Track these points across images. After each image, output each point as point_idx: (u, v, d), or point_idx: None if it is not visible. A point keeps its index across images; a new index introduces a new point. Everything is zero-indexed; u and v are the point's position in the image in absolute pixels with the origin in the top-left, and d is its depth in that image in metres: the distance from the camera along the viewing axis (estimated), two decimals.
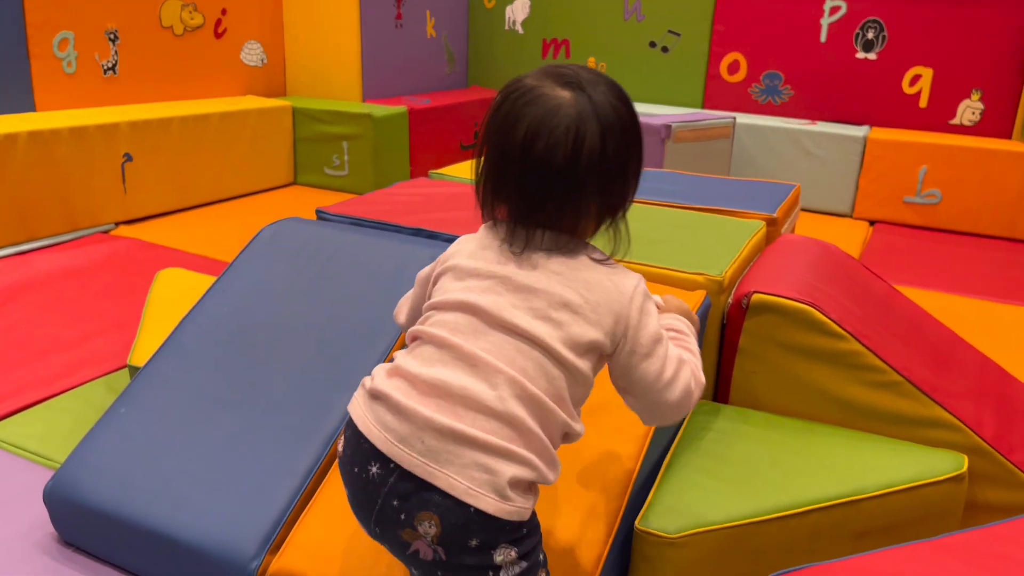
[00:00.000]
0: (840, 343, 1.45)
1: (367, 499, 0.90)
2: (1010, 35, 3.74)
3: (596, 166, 0.89)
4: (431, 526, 0.86)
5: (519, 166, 0.90)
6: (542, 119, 0.89)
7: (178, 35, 3.74)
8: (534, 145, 0.89)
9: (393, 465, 0.88)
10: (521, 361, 0.88)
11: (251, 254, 1.73)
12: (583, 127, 0.88)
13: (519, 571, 0.89)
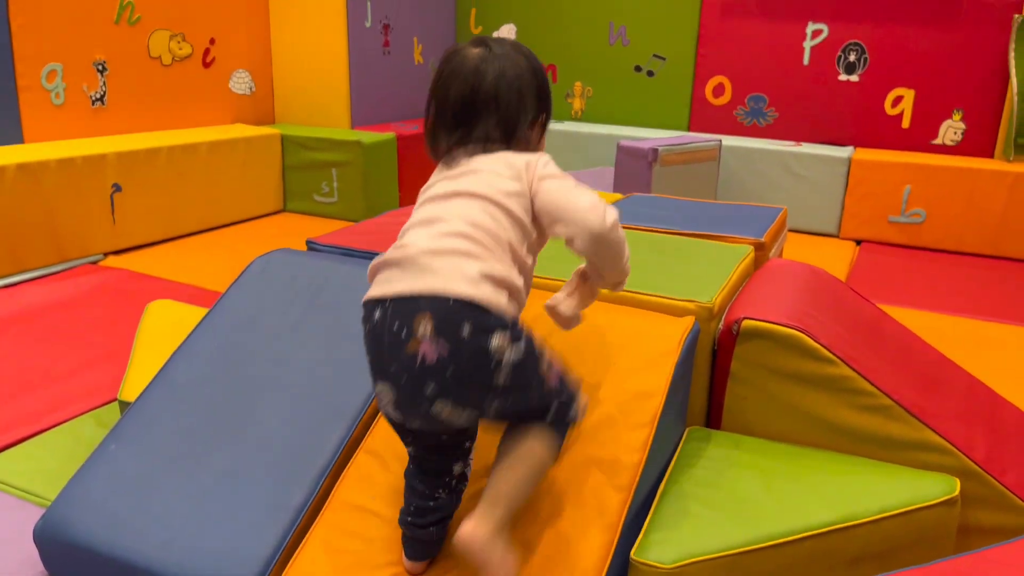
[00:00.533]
0: (830, 368, 1.46)
1: (378, 345, 1.09)
2: (989, 56, 3.81)
3: (493, 95, 1.19)
4: (426, 325, 1.03)
5: (445, 104, 1.20)
6: (456, 68, 1.20)
7: (166, 65, 3.76)
8: (451, 86, 1.19)
9: (388, 301, 1.08)
10: (467, 209, 1.13)
11: (241, 287, 1.72)
12: (482, 67, 1.19)
13: (520, 354, 1.05)
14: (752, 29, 4.23)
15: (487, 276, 1.06)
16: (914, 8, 3.90)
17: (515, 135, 1.22)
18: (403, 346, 1.04)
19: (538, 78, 1.26)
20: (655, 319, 1.50)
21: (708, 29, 4.33)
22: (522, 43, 1.29)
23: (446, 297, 1.03)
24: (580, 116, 4.80)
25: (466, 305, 1.03)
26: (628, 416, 1.34)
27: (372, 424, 1.42)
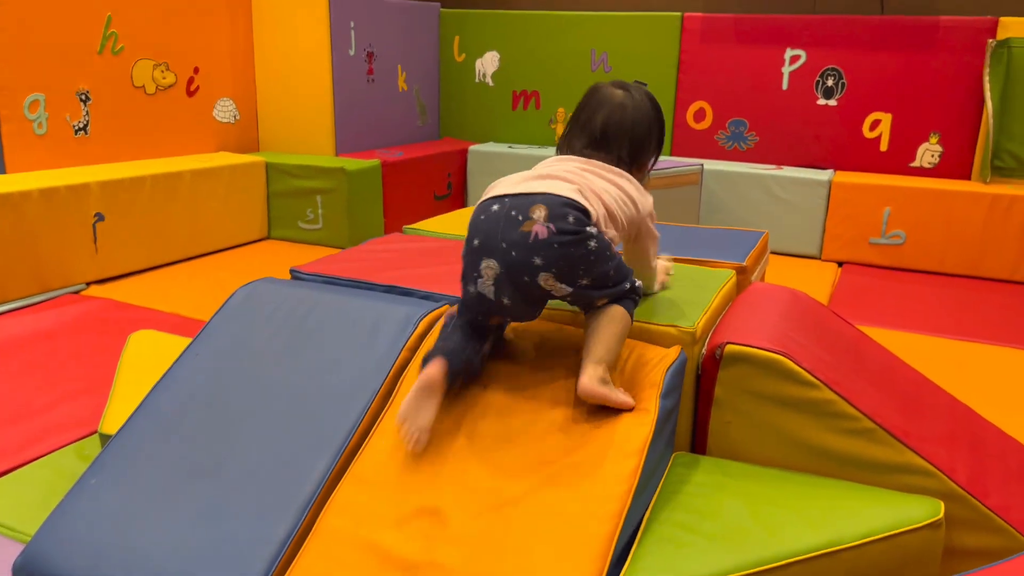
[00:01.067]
0: (813, 392, 1.47)
1: (494, 227, 1.35)
2: (964, 79, 3.88)
3: (630, 127, 1.53)
4: (540, 211, 1.33)
5: (589, 124, 1.54)
6: (603, 99, 1.55)
7: (150, 94, 3.76)
8: (598, 111, 1.54)
9: (506, 197, 1.38)
10: (593, 175, 1.47)
11: (225, 317, 1.72)
12: (626, 103, 1.54)
13: (602, 244, 1.37)
14: (731, 55, 4.29)
15: (585, 193, 1.39)
16: (889, 33, 3.97)
17: (638, 162, 1.56)
18: (519, 226, 1.33)
19: (661, 125, 1.60)
20: (641, 348, 1.51)
21: (688, 55, 4.38)
22: (650, 93, 1.60)
23: (558, 196, 1.36)
24: None
25: (571, 203, 1.35)
26: (617, 446, 1.34)
27: (357, 453, 1.42)
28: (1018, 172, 3.81)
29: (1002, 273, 3.66)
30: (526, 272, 1.33)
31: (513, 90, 4.91)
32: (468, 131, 5.09)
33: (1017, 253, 3.61)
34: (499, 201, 1.38)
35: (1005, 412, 2.25)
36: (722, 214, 4.08)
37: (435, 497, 1.31)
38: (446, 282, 1.85)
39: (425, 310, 1.63)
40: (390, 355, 1.54)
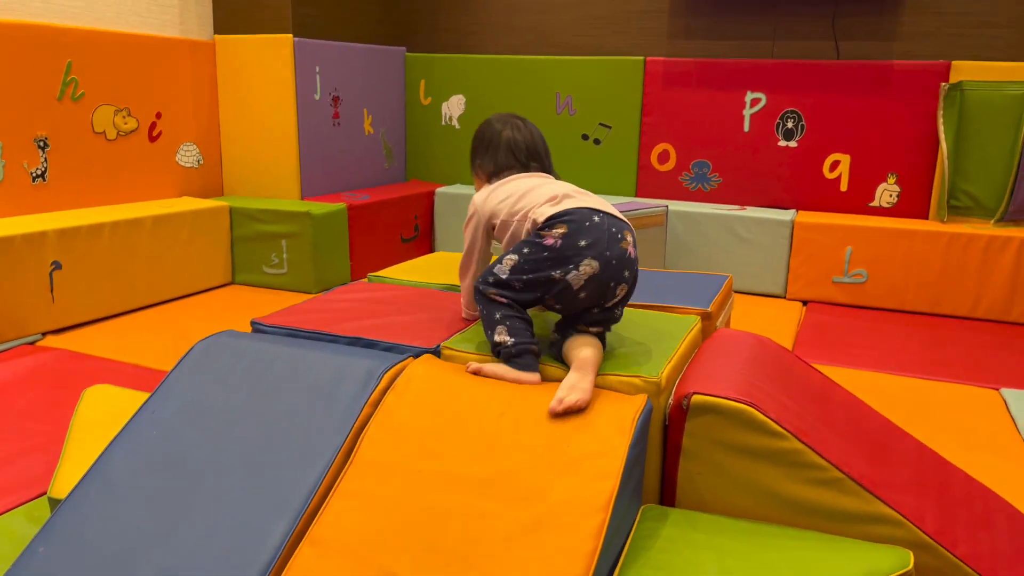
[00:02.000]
0: (780, 442, 1.46)
1: (602, 236, 1.58)
2: (920, 122, 3.97)
3: (544, 146, 1.89)
4: (629, 235, 1.63)
5: (514, 144, 1.84)
6: (518, 125, 1.87)
7: (111, 140, 3.72)
8: (518, 137, 1.85)
9: (602, 213, 1.62)
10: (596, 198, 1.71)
11: (182, 372, 1.67)
12: (533, 130, 1.90)
13: None
14: (693, 98, 4.36)
15: None
16: (846, 77, 4.07)
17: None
18: (619, 243, 1.58)
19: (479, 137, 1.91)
20: (607, 398, 1.50)
21: (651, 98, 4.45)
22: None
23: (627, 222, 1.66)
24: None
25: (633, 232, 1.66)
26: (582, 500, 1.31)
27: (317, 514, 1.37)
28: (974, 211, 3.90)
29: (961, 310, 3.72)
30: (615, 279, 1.58)
31: None
32: (435, 173, 5.10)
33: (975, 290, 3.68)
34: (597, 214, 1.60)
35: (967, 451, 2.27)
36: (687, 255, 4.11)
37: (396, 560, 1.27)
38: (411, 332, 1.82)
39: (388, 363, 1.60)
40: (352, 411, 1.51)
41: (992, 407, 2.64)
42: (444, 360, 1.70)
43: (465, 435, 1.45)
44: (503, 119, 1.87)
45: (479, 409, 1.49)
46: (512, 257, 1.61)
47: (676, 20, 4.45)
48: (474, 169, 1.88)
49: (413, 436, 1.46)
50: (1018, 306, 3.62)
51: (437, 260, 2.67)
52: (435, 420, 1.48)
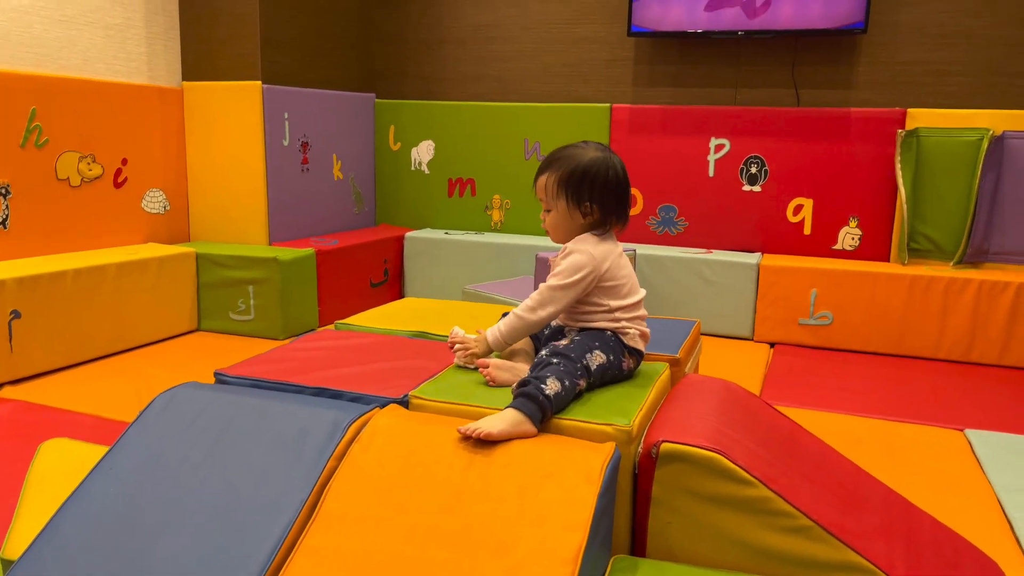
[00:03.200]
0: (750, 490, 1.46)
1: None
2: (878, 166, 4.07)
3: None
4: None
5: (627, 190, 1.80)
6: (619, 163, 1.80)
7: (75, 187, 3.68)
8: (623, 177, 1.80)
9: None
10: None
11: (141, 426, 1.63)
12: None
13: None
14: (659, 144, 4.43)
15: None
16: (806, 124, 4.17)
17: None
18: None
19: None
20: (575, 447, 1.48)
21: (618, 144, 4.52)
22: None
23: None
24: (500, 227, 4.89)
25: None
26: (551, 553, 1.30)
27: (280, 572, 1.34)
28: (933, 253, 3.98)
29: (924, 351, 3.78)
30: None
31: (449, 177, 4.96)
32: (405, 218, 5.11)
33: (937, 331, 3.74)
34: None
35: (935, 494, 2.29)
36: (656, 298, 4.14)
37: None
38: (377, 381, 1.80)
39: (354, 415, 1.58)
40: (317, 464, 1.48)
41: (957, 448, 2.67)
42: (412, 410, 1.68)
43: (432, 487, 1.43)
44: (611, 155, 1.75)
45: (446, 460, 1.47)
46: (602, 356, 1.67)
47: (640, 68, 4.55)
48: (572, 202, 1.73)
49: (379, 489, 1.43)
50: (978, 347, 3.69)
51: (406, 306, 2.66)
52: (402, 472, 1.46)
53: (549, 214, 1.78)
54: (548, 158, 1.79)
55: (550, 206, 1.77)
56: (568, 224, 1.76)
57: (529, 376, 1.58)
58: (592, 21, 4.60)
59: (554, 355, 1.62)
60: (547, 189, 1.75)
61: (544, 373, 1.57)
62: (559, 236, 1.79)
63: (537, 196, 1.81)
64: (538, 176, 1.79)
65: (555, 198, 1.75)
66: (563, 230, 1.77)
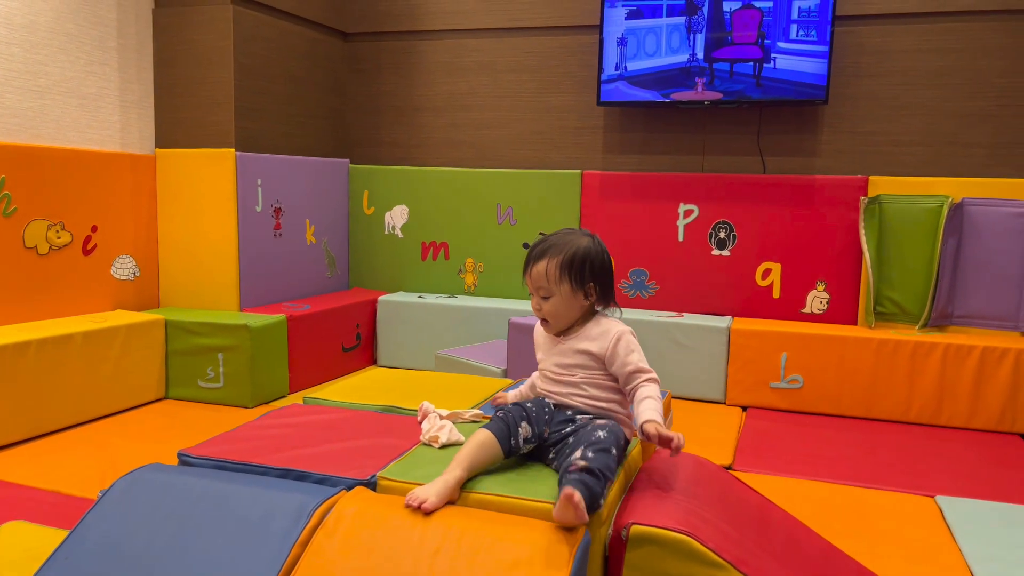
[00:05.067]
0: (719, 572, 1.45)
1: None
2: (843, 232, 4.16)
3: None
4: None
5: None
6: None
7: (43, 255, 3.64)
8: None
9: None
10: None
11: (101, 512, 1.60)
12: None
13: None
14: (629, 209, 4.51)
15: None
16: (772, 190, 4.27)
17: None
18: None
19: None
20: (544, 531, 1.47)
21: (589, 209, 4.58)
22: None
23: None
24: (473, 291, 4.90)
25: None
26: None
27: None
28: (900, 317, 4.05)
29: (893, 414, 3.81)
30: None
31: (423, 241, 4.99)
32: (378, 281, 5.11)
33: (905, 395, 3.78)
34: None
35: (906, 563, 2.28)
36: None
37: None
38: (344, 461, 1.78)
39: (320, 498, 1.56)
40: (281, 552, 1.45)
41: (928, 515, 2.68)
42: (379, 491, 1.66)
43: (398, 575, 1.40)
44: (597, 238, 1.84)
45: (413, 546, 1.45)
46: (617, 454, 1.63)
47: (610, 135, 4.65)
48: (576, 286, 1.77)
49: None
50: (947, 410, 3.73)
51: (375, 378, 2.64)
52: (367, 560, 1.43)
53: (548, 300, 1.79)
54: (540, 246, 1.81)
55: (550, 292, 1.78)
56: (571, 309, 1.79)
57: (595, 467, 1.51)
58: (562, 91, 4.71)
59: (604, 448, 1.59)
60: (548, 276, 1.77)
61: (605, 472, 1.53)
62: (561, 321, 1.81)
63: (533, 285, 1.81)
64: (533, 264, 1.80)
65: (558, 283, 1.77)
66: (565, 316, 1.79)
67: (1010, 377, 3.63)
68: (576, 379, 1.78)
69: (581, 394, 1.78)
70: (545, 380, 1.84)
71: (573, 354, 1.79)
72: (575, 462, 1.52)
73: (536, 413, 1.72)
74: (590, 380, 1.78)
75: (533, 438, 1.70)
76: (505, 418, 1.69)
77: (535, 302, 1.82)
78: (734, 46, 4.15)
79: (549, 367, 1.83)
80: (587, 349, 1.78)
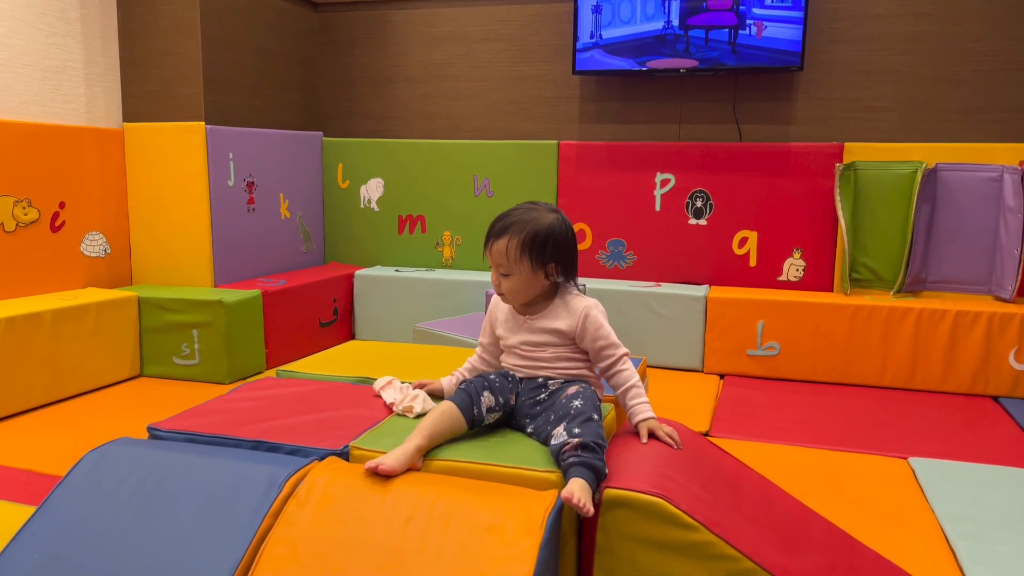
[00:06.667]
0: (693, 534, 1.45)
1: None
2: (819, 199, 4.17)
3: None
4: None
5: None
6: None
7: (9, 231, 3.57)
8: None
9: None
10: None
11: (68, 487, 1.57)
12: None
13: None
14: (606, 180, 4.48)
15: None
16: (748, 159, 4.26)
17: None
18: None
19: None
20: (516, 496, 1.46)
21: (566, 180, 4.56)
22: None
23: None
24: (451, 264, 4.88)
25: None
26: None
27: None
28: (874, 283, 4.08)
29: (868, 379, 3.84)
30: None
31: (399, 215, 4.95)
32: (355, 256, 5.07)
33: (880, 360, 3.81)
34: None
35: (879, 524, 2.31)
36: None
37: None
38: (317, 432, 1.76)
39: (291, 469, 1.54)
40: (252, 524, 1.44)
41: (901, 477, 2.71)
42: (352, 462, 1.64)
43: (371, 544, 1.39)
44: (562, 214, 1.80)
45: (385, 515, 1.44)
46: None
47: (586, 105, 4.61)
48: (536, 265, 1.73)
49: (316, 548, 1.39)
50: (920, 374, 3.77)
51: (351, 350, 2.62)
52: (339, 529, 1.42)
53: (508, 278, 1.75)
54: (502, 222, 1.76)
55: (510, 270, 1.74)
56: (530, 287, 1.76)
57: (588, 441, 1.53)
58: (537, 60, 4.66)
59: (587, 416, 1.60)
60: (508, 254, 1.72)
61: (598, 441, 1.55)
62: (519, 299, 1.78)
63: (493, 261, 1.77)
64: (494, 240, 1.75)
65: (518, 262, 1.72)
66: (524, 293, 1.77)
67: (982, 340, 3.68)
68: (547, 355, 1.78)
69: (552, 367, 1.78)
70: (512, 356, 1.82)
71: (541, 332, 1.77)
72: (568, 442, 1.53)
73: (499, 383, 1.72)
74: (559, 354, 1.78)
75: (497, 407, 1.70)
76: (467, 388, 1.70)
77: (495, 277, 1.79)
78: (709, 12, 4.12)
79: (515, 344, 1.80)
80: (556, 328, 1.76)
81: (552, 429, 1.61)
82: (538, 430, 1.70)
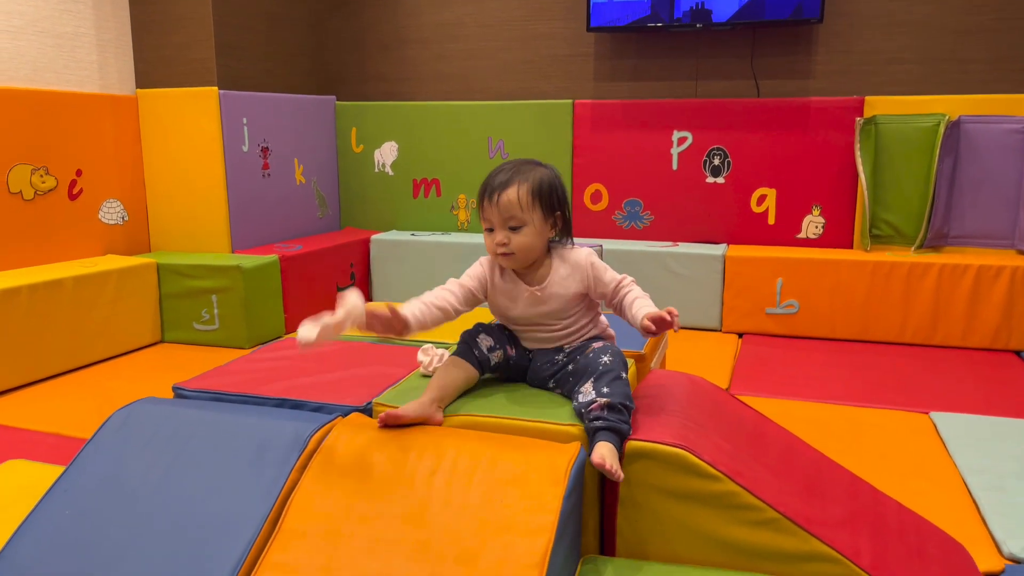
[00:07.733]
0: (716, 484, 1.45)
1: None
2: (839, 155, 4.11)
3: None
4: None
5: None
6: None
7: (28, 200, 3.59)
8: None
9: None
10: None
11: (98, 445, 1.60)
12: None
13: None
14: (622, 139, 4.44)
15: None
16: (767, 115, 4.20)
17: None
18: None
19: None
20: (540, 448, 1.47)
21: (581, 140, 4.51)
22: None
23: None
24: (466, 227, 4.87)
25: None
26: (516, 559, 1.28)
27: None
28: (895, 239, 4.03)
29: (888, 336, 3.82)
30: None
31: (413, 178, 4.93)
32: (370, 220, 5.07)
33: (900, 316, 3.78)
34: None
35: (901, 477, 2.31)
36: None
37: None
38: (340, 390, 1.78)
39: (316, 425, 1.56)
40: (278, 478, 1.46)
41: (923, 431, 2.70)
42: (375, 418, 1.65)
43: (396, 497, 1.41)
44: (553, 168, 1.72)
45: (410, 468, 1.45)
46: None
47: (601, 63, 4.55)
48: (546, 214, 1.64)
49: (342, 501, 1.41)
50: (941, 330, 3.74)
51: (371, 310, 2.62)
52: (364, 483, 1.44)
53: (519, 231, 1.61)
54: (502, 175, 1.64)
55: (523, 221, 1.61)
56: (540, 240, 1.64)
57: (616, 402, 1.51)
58: (551, 17, 4.59)
59: (616, 375, 1.58)
60: (521, 203, 1.60)
61: (626, 403, 1.53)
62: (529, 256, 1.65)
63: (501, 216, 1.62)
64: (500, 192, 1.61)
65: (530, 210, 1.61)
66: (533, 248, 1.64)
67: (1005, 295, 3.63)
68: (564, 324, 1.69)
69: (571, 335, 1.71)
70: (523, 329, 1.72)
71: (553, 299, 1.66)
72: (596, 400, 1.50)
73: (496, 329, 1.72)
74: (572, 322, 1.70)
75: (497, 346, 1.69)
76: (464, 337, 1.70)
77: (501, 236, 1.62)
78: None
79: (529, 317, 1.68)
80: (571, 291, 1.67)
81: (579, 386, 1.57)
82: (560, 383, 1.67)
